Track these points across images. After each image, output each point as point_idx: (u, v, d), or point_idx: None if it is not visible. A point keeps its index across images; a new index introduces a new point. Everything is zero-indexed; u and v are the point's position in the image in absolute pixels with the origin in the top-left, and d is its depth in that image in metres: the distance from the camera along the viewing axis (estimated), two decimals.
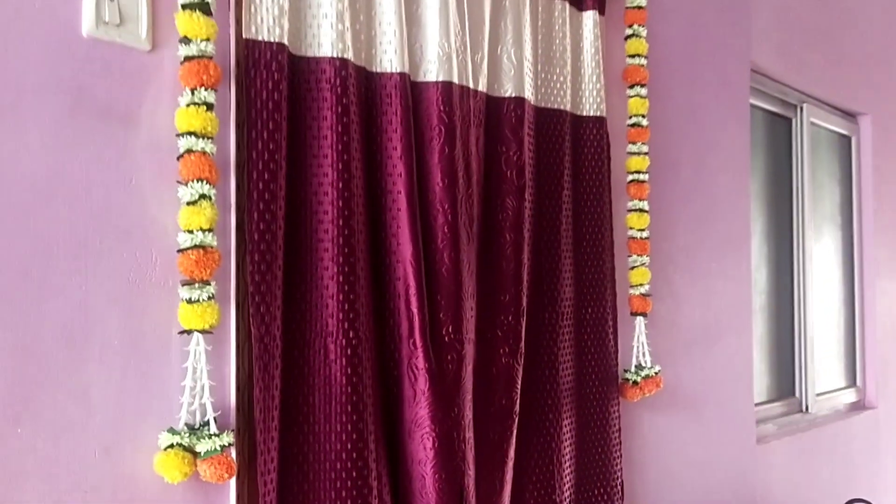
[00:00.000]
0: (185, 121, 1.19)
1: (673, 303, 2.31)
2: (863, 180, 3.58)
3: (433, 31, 1.55)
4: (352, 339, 1.39)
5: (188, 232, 1.20)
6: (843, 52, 3.37)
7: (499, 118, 1.72)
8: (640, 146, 2.11)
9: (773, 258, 3.07)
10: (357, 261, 1.41)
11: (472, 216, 1.63)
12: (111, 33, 1.15)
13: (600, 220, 1.98)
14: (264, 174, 1.29)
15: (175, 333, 1.22)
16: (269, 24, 1.31)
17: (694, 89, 2.44)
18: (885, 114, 3.69)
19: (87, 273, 1.14)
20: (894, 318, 3.72)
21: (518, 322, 1.69)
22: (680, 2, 2.37)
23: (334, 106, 1.38)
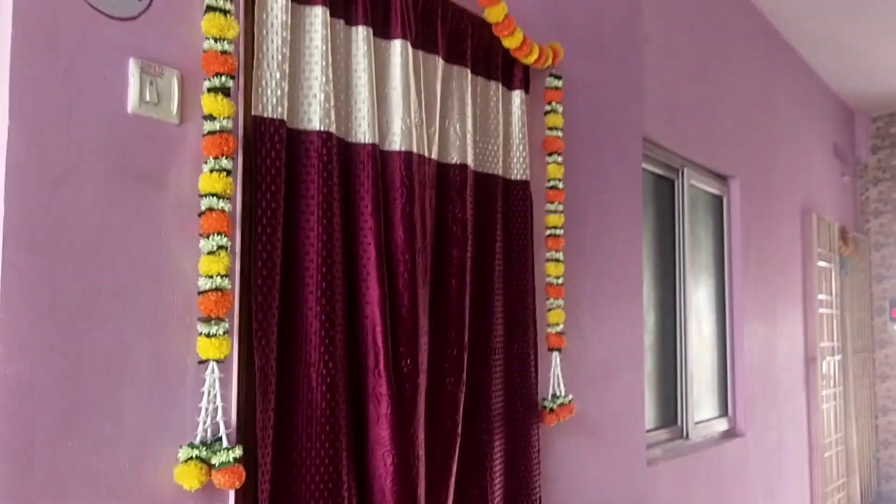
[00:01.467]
0: (208, 184, 1.43)
1: (581, 340, 2.66)
2: (732, 235, 4.10)
3: (397, 108, 1.84)
4: (331, 369, 1.63)
5: (208, 277, 1.42)
6: (717, 125, 3.90)
7: (447, 181, 2.03)
8: (557, 205, 2.47)
9: (659, 303, 3.50)
10: (335, 302, 1.66)
11: (426, 264, 1.91)
12: (150, 110, 1.38)
13: (525, 268, 2.30)
14: (267, 229, 1.53)
15: (192, 362, 1.43)
16: (272, 104, 1.57)
17: (598, 156, 2.83)
18: (751, 177, 4.24)
19: (125, 311, 1.34)
20: (760, 355, 4.23)
21: (461, 355, 1.98)
22: (588, 81, 2.77)
23: (321, 170, 1.64)
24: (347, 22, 1.75)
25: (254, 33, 1.55)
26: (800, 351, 4.81)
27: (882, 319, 6.14)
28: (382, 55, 1.84)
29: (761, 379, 4.22)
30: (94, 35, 1.30)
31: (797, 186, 4.92)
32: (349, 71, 1.76)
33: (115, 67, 1.33)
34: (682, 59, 3.56)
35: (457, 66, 2.08)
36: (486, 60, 2.20)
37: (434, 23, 1.99)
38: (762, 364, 4.25)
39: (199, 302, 1.41)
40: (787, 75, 4.89)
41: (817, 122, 5.45)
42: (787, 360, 4.60)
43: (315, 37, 1.65)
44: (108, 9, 1.32)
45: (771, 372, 4.36)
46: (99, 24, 1.31)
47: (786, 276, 4.66)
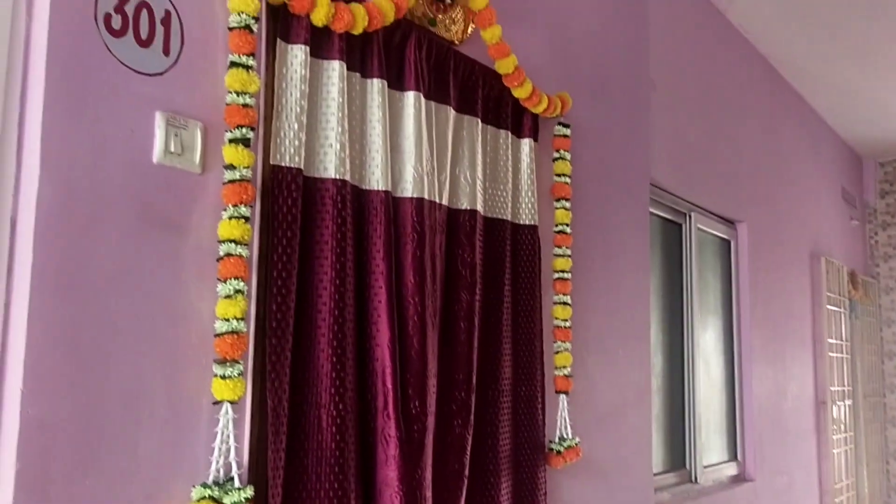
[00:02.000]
0: (227, 230, 1.48)
1: (588, 383, 2.68)
2: (740, 278, 4.13)
3: (410, 156, 1.91)
4: (341, 410, 1.67)
5: (224, 320, 1.47)
6: (724, 170, 3.96)
7: (456, 226, 2.08)
8: (565, 249, 2.51)
9: (667, 345, 3.52)
10: (347, 344, 1.70)
11: (436, 308, 1.96)
12: (174, 160, 1.45)
13: (532, 311, 2.34)
14: (283, 273, 1.58)
15: (206, 402, 1.47)
16: (290, 153, 1.63)
17: (605, 201, 2.88)
18: (758, 221, 4.29)
19: (143, 351, 1.39)
20: (769, 399, 4.23)
21: (469, 397, 2.01)
22: (595, 128, 2.83)
23: (335, 217, 1.70)
24: (363, 75, 1.82)
25: (274, 86, 1.63)
26: (810, 395, 4.79)
27: (893, 364, 6.11)
28: (396, 106, 1.91)
29: (771, 423, 4.21)
30: (123, 90, 1.37)
31: (806, 230, 4.95)
32: (364, 121, 1.83)
33: (143, 120, 1.40)
34: (689, 104, 3.63)
35: (468, 116, 2.15)
36: (496, 110, 2.27)
37: (446, 75, 2.06)
38: (771, 408, 4.24)
39: (216, 344, 1.46)
40: (793, 120, 4.96)
41: (825, 167, 5.50)
42: (797, 404, 4.58)
43: (332, 89, 1.72)
44: (137, 65, 1.39)
45: (780, 416, 4.35)
46: (128, 79, 1.38)
47: (795, 320, 4.67)
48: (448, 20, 2.09)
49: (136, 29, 1.39)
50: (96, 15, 1.34)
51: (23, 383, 1.22)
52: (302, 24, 1.65)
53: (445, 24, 2.09)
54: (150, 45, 1.42)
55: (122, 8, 1.37)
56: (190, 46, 1.49)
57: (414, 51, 1.93)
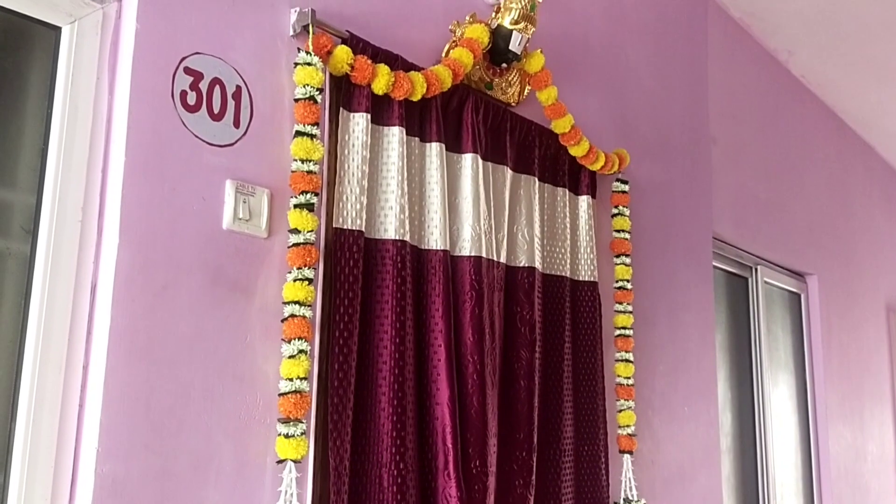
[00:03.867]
0: (292, 292, 1.53)
1: (653, 443, 2.62)
2: (812, 333, 4.00)
3: (467, 216, 1.94)
4: (402, 470, 1.68)
5: (288, 380, 1.51)
6: (791, 221, 3.88)
7: (515, 284, 2.09)
8: (626, 306, 2.49)
9: (736, 403, 3.42)
10: (407, 403, 1.72)
11: (495, 366, 1.96)
12: (242, 226, 1.51)
13: (594, 369, 2.32)
14: (344, 333, 1.62)
15: (270, 461, 1.50)
16: (352, 217, 1.68)
17: (666, 256, 2.86)
18: (829, 274, 4.17)
19: (212, 412, 1.44)
20: (847, 459, 4.04)
21: (530, 457, 1.99)
22: (655, 184, 2.83)
23: (395, 277, 1.74)
24: (422, 139, 1.88)
25: (337, 153, 1.69)
26: (891, 454, 4.56)
27: None
28: (454, 168, 1.96)
29: (850, 484, 4.01)
30: (195, 161, 1.46)
31: (881, 282, 4.78)
32: (423, 183, 1.88)
33: (214, 189, 1.48)
34: (752, 157, 3.60)
35: (525, 175, 2.18)
36: (553, 168, 2.30)
37: (503, 136, 2.10)
38: (850, 468, 4.04)
39: (280, 403, 1.50)
40: (862, 170, 4.84)
41: None
42: (878, 465, 4.36)
43: (392, 154, 1.78)
44: (209, 138, 1.47)
45: (860, 477, 4.14)
46: (200, 150, 1.46)
47: (872, 376, 4.48)
48: (504, 83, 2.15)
49: (209, 104, 1.48)
50: (173, 92, 1.43)
51: (98, 442, 1.28)
52: (363, 93, 1.72)
53: (502, 88, 2.14)
54: (221, 119, 1.50)
55: (197, 85, 1.46)
56: (258, 118, 1.57)
57: (471, 114, 1.98)
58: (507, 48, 2.04)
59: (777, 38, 3.72)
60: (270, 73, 1.60)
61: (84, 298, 1.34)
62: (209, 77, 1.49)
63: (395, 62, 1.79)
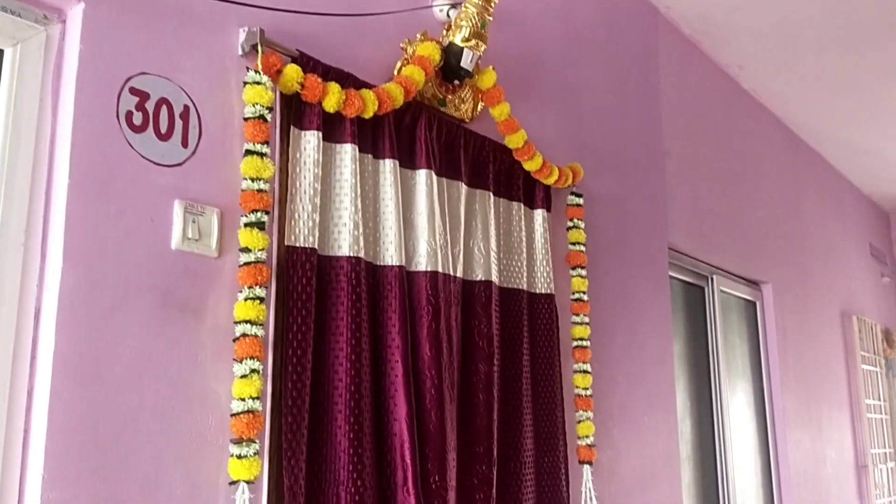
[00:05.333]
0: (243, 312, 1.53)
1: (613, 453, 2.64)
2: (768, 340, 4.07)
3: (423, 232, 1.95)
4: (359, 487, 1.67)
5: (241, 400, 1.49)
6: (745, 231, 3.95)
7: (472, 298, 2.10)
8: (583, 317, 2.52)
9: (695, 411, 3.46)
10: (364, 420, 1.71)
11: (453, 380, 1.97)
12: (192, 246, 1.50)
13: (552, 381, 2.33)
14: (297, 351, 1.61)
15: (223, 483, 1.49)
16: (304, 234, 1.68)
17: (623, 268, 2.90)
18: (784, 282, 4.24)
19: (162, 435, 1.42)
20: (806, 464, 4.11)
21: (490, 471, 2.00)
22: (610, 197, 2.87)
23: (350, 294, 1.74)
24: (375, 156, 1.88)
25: (288, 171, 1.69)
26: (850, 459, 4.64)
27: None
28: (408, 184, 1.97)
29: (810, 489, 4.08)
30: (142, 181, 1.45)
31: (835, 289, 4.89)
32: (377, 199, 1.88)
33: (162, 209, 1.47)
34: (706, 169, 3.66)
35: (480, 190, 2.20)
36: (507, 183, 2.32)
37: (457, 152, 2.12)
38: (810, 473, 4.11)
39: (232, 424, 1.49)
40: (815, 180, 4.95)
41: (851, 225, 5.46)
42: (837, 469, 4.44)
43: (345, 171, 1.79)
44: (157, 158, 1.46)
45: (820, 481, 4.21)
46: (147, 171, 1.45)
47: (829, 382, 4.57)
48: (458, 100, 2.17)
49: (156, 124, 1.47)
50: (118, 113, 1.42)
51: (44, 469, 1.26)
52: (314, 111, 1.72)
53: (455, 104, 2.16)
54: (169, 139, 1.49)
55: (143, 105, 1.46)
56: (207, 137, 1.56)
57: (424, 131, 2.00)
58: (459, 65, 2.06)
59: (727, 53, 3.81)
60: (219, 92, 1.60)
61: (28, 322, 1.32)
62: (156, 97, 1.48)
63: (346, 80, 1.80)
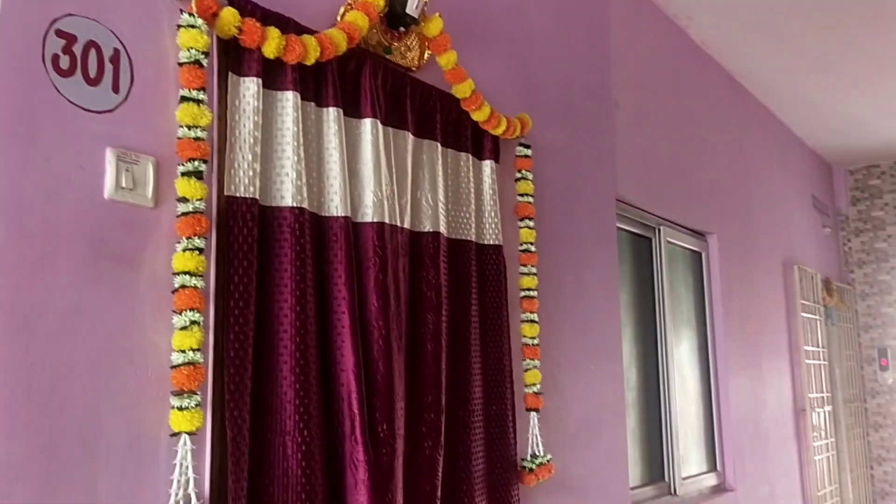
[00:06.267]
0: (182, 263, 1.49)
1: (560, 400, 2.70)
2: (713, 290, 4.17)
3: (369, 182, 1.93)
4: (306, 437, 1.67)
5: (181, 351, 1.47)
6: (692, 183, 4.01)
7: (420, 249, 2.10)
8: (530, 268, 2.54)
9: (641, 359, 3.55)
10: (310, 371, 1.71)
11: (401, 330, 1.97)
12: (126, 196, 1.46)
13: (500, 330, 2.35)
14: (240, 302, 1.59)
15: (164, 435, 1.47)
16: (244, 184, 1.65)
17: (571, 218, 2.92)
18: (729, 233, 4.34)
19: (100, 387, 1.39)
20: (746, 409, 4.25)
21: (439, 419, 2.02)
22: (558, 148, 2.87)
23: (293, 245, 1.72)
24: (318, 104, 1.84)
25: (227, 119, 1.65)
26: (788, 403, 4.83)
27: (872, 369, 6.17)
28: (353, 133, 1.94)
29: (750, 432, 4.23)
30: (72, 127, 1.39)
31: (777, 240, 5.01)
32: (321, 149, 1.85)
33: (93, 157, 1.42)
34: (654, 121, 3.69)
35: (427, 140, 2.18)
36: (455, 133, 2.30)
37: (403, 101, 2.09)
38: (750, 417, 4.26)
39: (172, 376, 1.47)
40: (761, 132, 5.03)
41: (795, 177, 5.58)
42: (776, 413, 4.61)
43: (287, 119, 1.75)
44: (86, 104, 1.41)
45: (759, 425, 4.37)
46: (77, 117, 1.40)
47: (770, 329, 4.71)
48: (403, 47, 2.13)
49: (84, 68, 1.41)
50: (44, 56, 1.36)
51: None
52: (253, 56, 1.67)
53: (401, 52, 2.12)
54: (98, 84, 1.44)
55: (70, 48, 1.39)
56: (140, 83, 1.51)
57: (369, 79, 1.96)
58: (405, 11, 2.02)
59: (677, 4, 3.80)
60: (152, 36, 1.54)
61: None
62: (83, 40, 1.42)
63: (286, 25, 1.75)
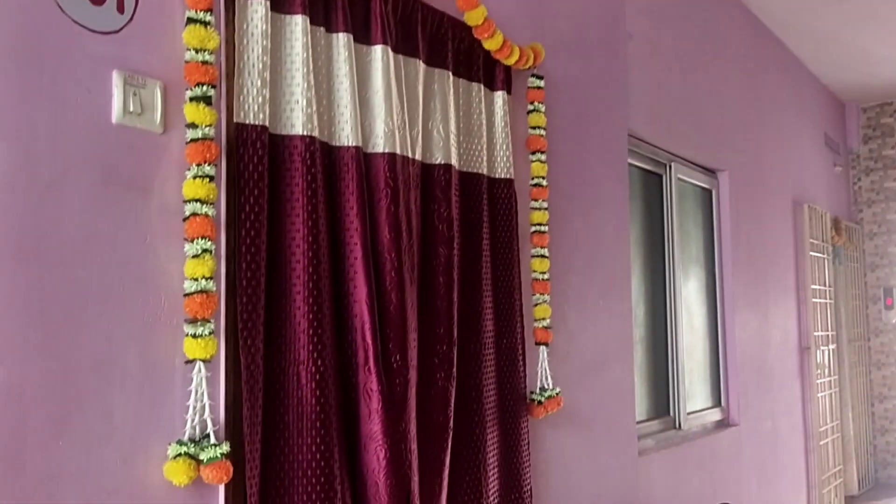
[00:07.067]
0: (192, 190, 1.47)
1: (568, 335, 2.70)
2: (722, 227, 4.15)
3: (380, 111, 1.89)
4: (319, 367, 1.67)
5: (193, 280, 1.46)
6: (704, 119, 3.94)
7: (431, 181, 2.07)
8: (541, 202, 2.51)
9: (649, 296, 3.54)
10: (323, 301, 1.70)
11: (413, 263, 1.96)
12: (134, 121, 1.42)
13: (511, 265, 2.34)
14: (251, 231, 1.57)
15: (179, 362, 1.47)
16: (254, 111, 1.61)
17: (582, 153, 2.87)
18: (740, 170, 4.29)
19: (112, 314, 1.39)
20: (752, 346, 4.28)
21: (451, 350, 2.02)
22: (572, 81, 2.81)
23: (304, 174, 1.69)
24: (328, 29, 1.79)
25: (234, 43, 1.60)
26: (794, 341, 4.85)
27: (877, 308, 6.18)
28: (363, 60, 1.89)
29: (754, 369, 4.26)
30: (77, 49, 1.35)
31: (788, 178, 4.96)
32: (331, 76, 1.80)
33: (99, 80, 1.38)
34: (668, 55, 3.60)
35: (438, 69, 2.12)
36: (467, 63, 2.24)
37: (414, 28, 2.03)
38: (755, 354, 4.29)
39: (185, 304, 1.46)
40: (775, 68, 4.93)
41: (807, 114, 5.49)
42: (781, 350, 4.64)
43: (296, 44, 1.69)
44: (90, 24, 1.36)
45: (764, 362, 4.40)
46: (82, 38, 1.35)
47: (778, 267, 4.70)
48: None
49: None
50: None
51: None
52: None
53: None
54: (103, 3, 1.38)
55: None
56: (145, 3, 1.46)
57: (379, 4, 1.90)
58: None
59: None
60: None
61: None
62: None
63: None
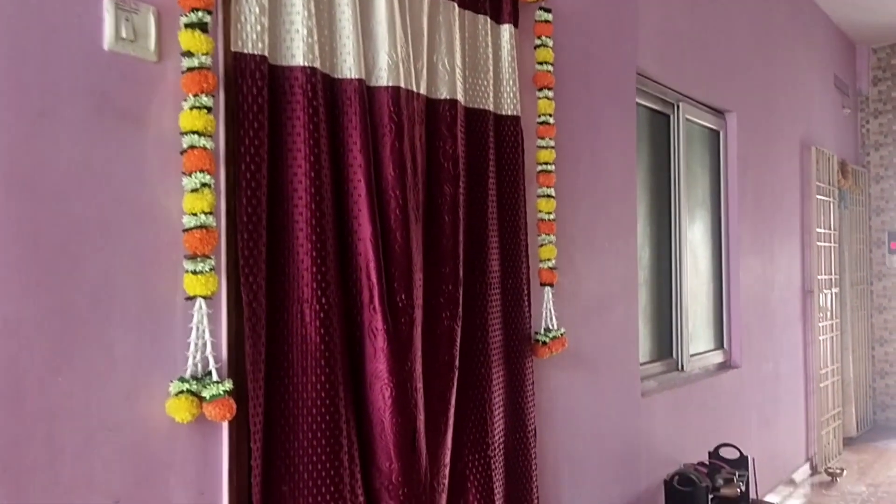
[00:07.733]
0: (189, 121, 1.42)
1: (574, 276, 2.67)
2: (729, 169, 4.08)
3: (383, 42, 1.81)
4: (324, 305, 1.64)
5: (192, 215, 1.42)
6: (713, 58, 3.84)
7: (437, 117, 2.00)
8: (548, 141, 2.45)
9: (654, 238, 3.50)
10: (326, 239, 1.66)
11: (418, 201, 1.91)
12: (127, 47, 1.36)
13: (517, 204, 2.29)
14: (251, 166, 1.52)
15: (180, 299, 1.44)
16: (252, 40, 1.54)
17: (590, 90, 2.80)
18: (748, 111, 4.20)
19: (109, 248, 1.35)
20: (755, 290, 4.25)
21: (457, 290, 1.99)
22: (580, 16, 2.72)
23: (306, 107, 1.63)
24: None
25: None
26: (797, 284, 4.83)
27: (881, 252, 6.15)
28: None
29: (758, 312, 4.25)
30: None
31: (796, 120, 4.87)
32: (332, 4, 1.73)
33: (90, 4, 1.31)
34: None
35: (443, 0, 2.04)
36: None
37: None
38: (759, 297, 4.27)
39: (185, 239, 1.42)
40: (786, 7, 4.79)
41: (817, 55, 5.36)
42: (784, 293, 4.62)
43: None
44: None
45: (767, 305, 4.39)
46: None
47: (784, 211, 4.65)
48: None
49: None
50: None
51: None
52: None
53: None
54: None
55: None
56: None
57: None
58: None
59: None
60: None
61: None
62: None
63: None
